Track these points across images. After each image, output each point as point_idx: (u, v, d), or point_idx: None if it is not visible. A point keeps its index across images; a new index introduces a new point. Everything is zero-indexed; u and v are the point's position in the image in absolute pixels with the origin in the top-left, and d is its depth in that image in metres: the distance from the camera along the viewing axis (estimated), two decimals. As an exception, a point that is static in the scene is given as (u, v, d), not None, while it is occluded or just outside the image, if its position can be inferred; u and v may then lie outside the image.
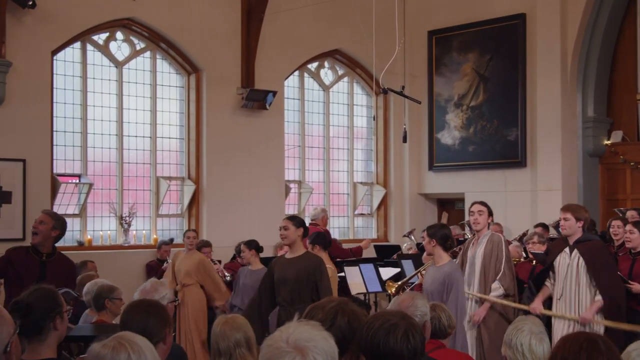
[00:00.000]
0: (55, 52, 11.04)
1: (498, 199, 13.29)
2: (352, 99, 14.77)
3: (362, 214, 14.87)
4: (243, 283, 9.01)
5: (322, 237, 8.31)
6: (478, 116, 13.78)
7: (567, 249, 6.84)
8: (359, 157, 14.90)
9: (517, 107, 13.18)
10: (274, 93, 12.73)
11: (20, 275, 5.98)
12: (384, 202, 14.86)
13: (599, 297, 6.64)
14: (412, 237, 13.02)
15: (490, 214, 7.35)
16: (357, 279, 8.93)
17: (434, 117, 14.46)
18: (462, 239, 11.73)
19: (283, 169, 13.38)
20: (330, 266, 7.78)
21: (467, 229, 12.60)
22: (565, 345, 2.68)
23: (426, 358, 3.10)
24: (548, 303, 7.09)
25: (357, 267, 9.08)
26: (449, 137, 14.26)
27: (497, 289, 7.07)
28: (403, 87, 9.46)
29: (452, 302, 5.98)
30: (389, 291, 8.39)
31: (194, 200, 12.40)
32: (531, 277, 7.81)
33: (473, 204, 7.46)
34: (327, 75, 14.46)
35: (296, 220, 6.84)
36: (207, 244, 10.73)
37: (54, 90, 11.06)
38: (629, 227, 7.45)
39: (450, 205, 15.09)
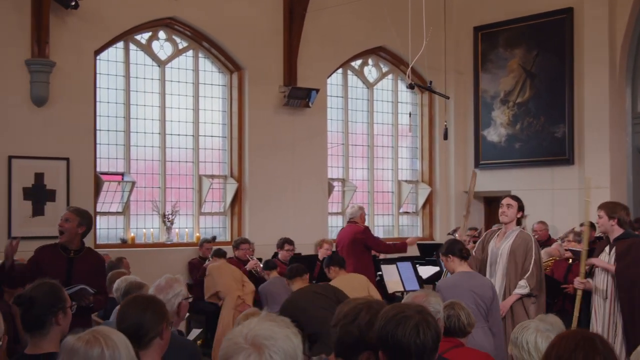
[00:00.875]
0: (98, 52, 11.17)
1: (545, 197, 13.06)
2: (396, 97, 14.64)
3: (407, 212, 14.74)
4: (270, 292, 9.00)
5: (336, 259, 8.12)
6: (524, 113, 13.55)
7: (607, 248, 6.67)
8: (404, 155, 14.78)
9: (564, 103, 12.91)
10: (317, 91, 12.68)
11: (47, 274, 6.02)
12: (429, 200, 14.72)
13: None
14: (457, 235, 12.85)
15: (521, 209, 7.22)
16: (395, 278, 8.84)
17: (480, 114, 14.26)
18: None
19: (326, 167, 13.33)
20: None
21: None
22: (561, 342, 2.58)
23: (438, 358, 3.01)
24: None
25: (394, 266, 8.98)
26: (495, 134, 14.04)
27: (523, 287, 6.92)
28: (430, 82, 9.31)
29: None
30: None
31: (237, 198, 12.43)
32: (567, 276, 7.63)
33: (505, 197, 7.34)
34: (371, 72, 14.37)
35: None
36: (245, 241, 10.76)
37: (97, 89, 11.20)
38: None
39: (496, 203, 14.80)
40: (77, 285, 5.76)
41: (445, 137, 10.39)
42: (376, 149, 14.34)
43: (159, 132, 11.88)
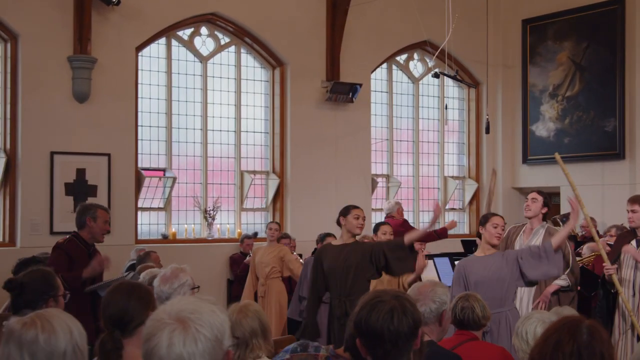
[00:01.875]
0: (140, 48, 11.24)
1: (595, 193, 12.69)
2: (442, 92, 14.42)
3: (453, 209, 14.50)
4: (306, 274, 8.89)
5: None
6: (574, 107, 13.20)
7: (634, 242, 6.42)
8: (451, 150, 14.54)
9: (614, 96, 12.54)
10: (360, 86, 12.55)
11: (74, 267, 6.02)
12: (476, 197, 14.45)
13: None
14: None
15: (546, 204, 7.02)
16: (431, 273, 8.65)
17: (528, 108, 13.95)
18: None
19: (370, 162, 13.19)
20: None
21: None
22: (549, 327, 2.42)
23: (423, 347, 2.86)
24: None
25: (431, 261, 8.80)
26: (543, 129, 13.72)
27: (563, 279, 6.73)
28: (457, 71, 9.07)
29: None
30: None
31: (278, 194, 12.38)
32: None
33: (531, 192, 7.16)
34: (416, 67, 14.17)
35: None
36: (286, 236, 10.69)
37: (139, 85, 11.27)
38: None
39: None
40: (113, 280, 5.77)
41: (487, 130, 10.17)
42: (421, 145, 14.14)
43: (200, 128, 11.90)
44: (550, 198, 7.28)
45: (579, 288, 7.10)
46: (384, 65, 13.68)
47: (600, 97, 12.78)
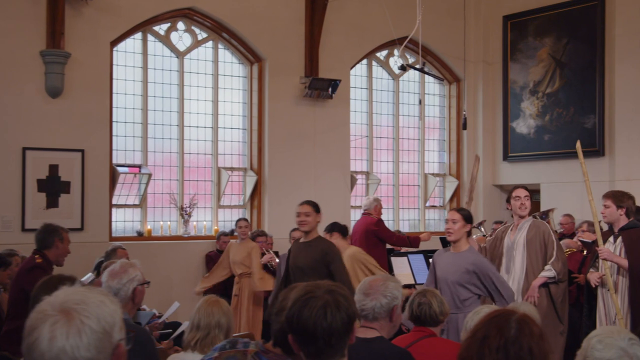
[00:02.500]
0: (115, 43, 11.10)
1: (575, 190, 12.63)
2: (423, 88, 14.33)
3: (433, 206, 14.43)
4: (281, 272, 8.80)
5: (339, 225, 7.96)
6: (554, 103, 13.14)
7: (611, 238, 6.36)
8: (431, 147, 14.46)
9: (594, 93, 12.49)
10: (339, 82, 12.44)
11: None
12: (456, 194, 14.38)
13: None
14: (482, 229, 12.54)
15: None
16: (405, 270, 8.58)
17: (509, 105, 13.88)
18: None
19: (349, 159, 13.09)
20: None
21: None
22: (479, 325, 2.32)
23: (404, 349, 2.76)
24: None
25: (405, 258, 8.72)
26: (524, 125, 13.66)
27: (548, 270, 6.67)
28: (424, 64, 8.99)
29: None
30: None
31: (256, 191, 12.27)
32: (581, 268, 7.30)
33: (517, 188, 7.07)
34: (396, 63, 14.04)
35: (314, 206, 6.62)
36: (262, 234, 10.58)
37: (114, 81, 11.12)
38: None
39: (527, 197, 14.43)
40: None
41: (464, 126, 10.08)
42: (402, 142, 14.05)
43: (177, 124, 11.77)
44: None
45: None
46: (364, 62, 13.59)
47: (580, 93, 12.73)
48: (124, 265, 4.07)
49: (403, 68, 9.21)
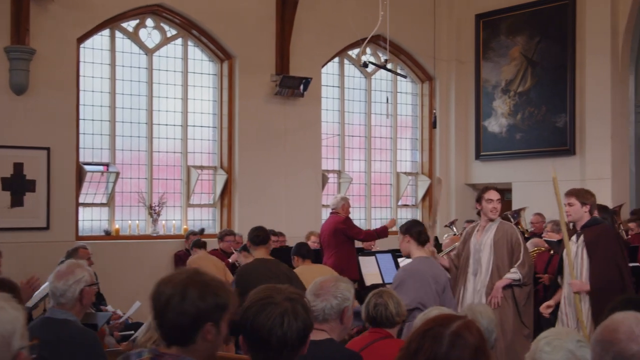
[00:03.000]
0: (82, 39, 10.93)
1: (546, 189, 12.47)
2: (395, 86, 14.27)
3: (406, 205, 14.38)
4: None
5: (299, 248, 7.84)
6: (526, 102, 13.13)
7: (574, 237, 6.30)
8: (404, 146, 14.41)
9: (565, 91, 12.50)
10: (309, 80, 12.34)
11: None
12: (429, 193, 14.34)
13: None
14: (454, 228, 12.53)
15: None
16: (373, 270, 8.49)
17: (481, 104, 13.86)
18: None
19: (320, 158, 13.00)
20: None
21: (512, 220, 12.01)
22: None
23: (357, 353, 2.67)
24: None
25: (373, 257, 8.64)
26: (496, 124, 13.64)
27: (514, 273, 6.59)
28: (386, 61, 8.95)
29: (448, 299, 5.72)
30: None
31: (226, 190, 12.16)
32: (547, 268, 7.26)
33: (489, 190, 6.94)
34: (368, 61, 13.96)
35: None
36: (230, 233, 10.47)
37: (81, 78, 10.96)
38: None
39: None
40: None
41: (434, 125, 10.01)
42: (374, 140, 13.98)
43: (146, 122, 11.63)
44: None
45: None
46: (336, 60, 13.50)
47: (551, 92, 12.73)
48: (70, 265, 3.95)
49: (365, 65, 9.11)
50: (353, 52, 13.73)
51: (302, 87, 12.29)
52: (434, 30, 13.63)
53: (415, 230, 6.00)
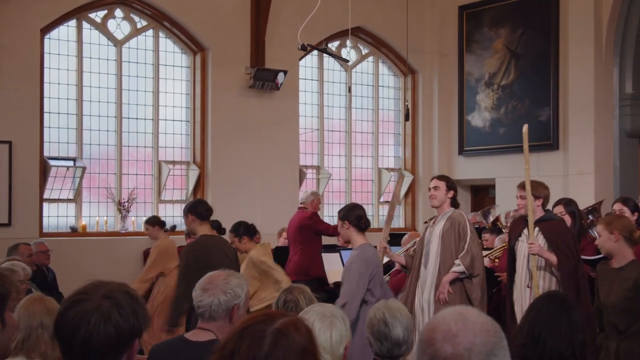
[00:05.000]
0: (46, 30, 10.61)
1: (530, 185, 12.26)
2: (377, 80, 13.92)
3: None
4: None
5: (242, 226, 7.48)
6: (509, 95, 12.77)
7: (525, 230, 6.00)
8: (387, 141, 14.05)
9: (549, 84, 12.12)
10: (285, 72, 11.99)
11: None
12: (412, 189, 13.99)
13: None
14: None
15: (450, 188, 6.54)
16: (337, 267, 8.15)
17: (464, 98, 13.49)
18: (481, 226, 10.84)
19: (298, 153, 12.66)
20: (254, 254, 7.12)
21: (491, 217, 11.66)
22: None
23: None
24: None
25: (337, 254, 8.31)
26: (479, 119, 13.28)
27: (457, 265, 6.29)
28: (327, 44, 8.58)
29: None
30: None
31: (199, 186, 11.83)
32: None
33: (432, 179, 6.72)
34: (349, 54, 13.65)
35: None
36: (197, 230, 10.11)
37: (46, 70, 10.63)
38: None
39: (484, 192, 14.09)
40: None
41: (407, 118, 9.67)
42: (355, 135, 13.63)
43: (114, 115, 11.30)
44: (453, 181, 6.79)
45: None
46: (315, 52, 13.14)
47: (535, 85, 12.37)
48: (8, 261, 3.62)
49: (304, 48, 8.76)
50: (333, 45, 13.37)
51: (278, 79, 11.92)
52: (417, 22, 13.29)
53: (355, 215, 5.64)
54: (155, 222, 9.32)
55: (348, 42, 13.56)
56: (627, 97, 11.67)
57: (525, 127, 6.20)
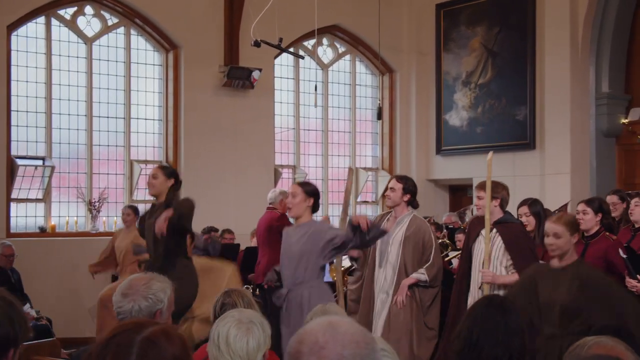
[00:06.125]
0: (13, 27, 10.42)
1: (507, 184, 12.14)
2: (354, 79, 13.78)
3: (365, 202, 13.89)
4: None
5: None
6: (486, 94, 12.66)
7: (482, 231, 5.88)
8: (364, 140, 13.91)
9: (525, 83, 12.01)
10: (259, 70, 11.84)
11: None
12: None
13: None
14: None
15: (407, 192, 6.40)
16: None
17: (442, 97, 13.37)
18: (456, 227, 10.74)
19: (273, 152, 12.51)
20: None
21: (467, 217, 11.54)
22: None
23: None
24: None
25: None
26: (456, 118, 13.16)
27: (421, 274, 6.20)
28: (281, 40, 8.49)
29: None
30: (331, 277, 7.65)
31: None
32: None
33: (391, 178, 6.65)
34: (325, 53, 13.52)
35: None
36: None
37: (12, 67, 10.45)
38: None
39: (462, 192, 13.97)
40: None
41: (379, 117, 9.52)
42: (331, 134, 13.49)
43: (85, 114, 11.13)
44: (413, 183, 6.64)
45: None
46: (291, 49, 12.98)
47: (511, 84, 12.26)
48: None
49: (257, 44, 8.63)
50: (309, 43, 13.22)
51: (253, 77, 11.75)
52: (394, 21, 13.16)
53: (318, 196, 5.74)
54: (137, 211, 9.13)
55: (325, 41, 13.43)
56: (604, 96, 11.58)
57: (490, 154, 6.04)
